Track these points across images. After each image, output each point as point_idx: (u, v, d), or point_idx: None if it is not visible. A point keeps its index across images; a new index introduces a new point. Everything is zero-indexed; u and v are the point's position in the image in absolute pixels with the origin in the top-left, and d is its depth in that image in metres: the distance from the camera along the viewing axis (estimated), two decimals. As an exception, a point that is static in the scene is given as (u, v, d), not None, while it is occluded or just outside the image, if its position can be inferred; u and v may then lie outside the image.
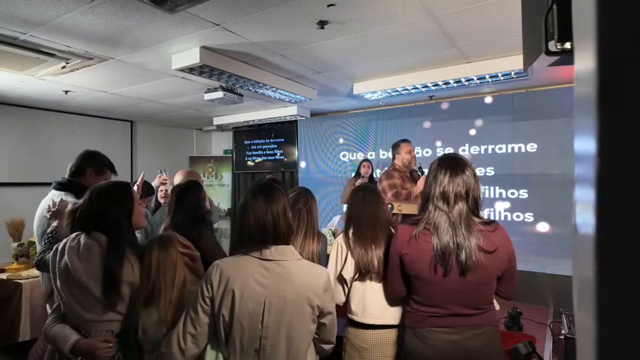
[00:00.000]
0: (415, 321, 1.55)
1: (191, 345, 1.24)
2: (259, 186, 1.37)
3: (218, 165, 6.93)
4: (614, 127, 0.35)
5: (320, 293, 1.32)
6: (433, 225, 1.48)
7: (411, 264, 1.53)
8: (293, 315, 1.26)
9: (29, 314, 3.12)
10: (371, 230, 1.82)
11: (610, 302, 0.35)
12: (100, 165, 2.36)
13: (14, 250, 3.60)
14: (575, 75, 0.47)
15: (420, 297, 1.54)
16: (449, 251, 1.43)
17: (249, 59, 3.19)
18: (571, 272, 0.51)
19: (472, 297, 1.48)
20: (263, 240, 1.29)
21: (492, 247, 1.45)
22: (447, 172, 1.51)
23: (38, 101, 4.58)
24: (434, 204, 1.51)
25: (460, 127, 4.66)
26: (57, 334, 1.47)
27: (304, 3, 2.21)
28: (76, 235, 1.55)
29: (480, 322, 1.49)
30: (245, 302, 1.22)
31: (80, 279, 1.45)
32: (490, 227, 1.49)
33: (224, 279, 1.24)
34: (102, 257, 1.47)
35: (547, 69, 3.29)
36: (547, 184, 4.13)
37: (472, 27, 2.62)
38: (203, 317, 1.25)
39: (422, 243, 1.49)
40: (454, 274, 1.44)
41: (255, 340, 1.24)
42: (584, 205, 0.40)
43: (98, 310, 1.46)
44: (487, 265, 1.44)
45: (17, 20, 2.34)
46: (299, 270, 1.31)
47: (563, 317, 2.24)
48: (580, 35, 0.44)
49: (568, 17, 0.71)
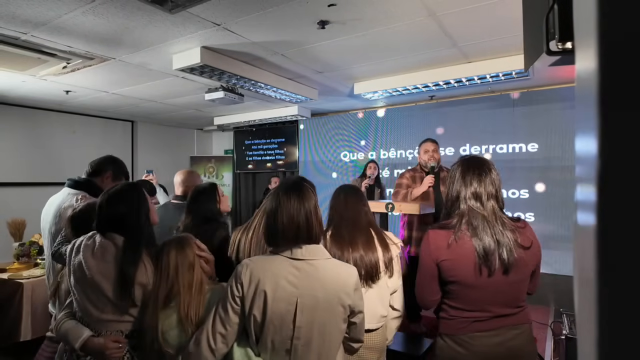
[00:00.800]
0: (456, 328, 1.49)
1: (221, 345, 1.23)
2: (290, 184, 1.34)
3: (219, 165, 6.93)
4: (615, 127, 0.35)
5: (351, 292, 1.30)
6: (471, 227, 1.45)
7: (451, 270, 1.47)
8: (325, 315, 1.25)
9: (30, 313, 3.12)
10: (349, 233, 1.78)
11: (612, 303, 0.35)
12: (119, 171, 2.40)
13: (15, 250, 3.60)
14: (576, 75, 0.47)
15: (461, 303, 1.49)
16: (491, 250, 1.41)
17: (250, 59, 3.19)
18: (572, 272, 0.51)
19: (514, 296, 1.46)
20: (296, 239, 1.27)
21: (528, 243, 1.45)
22: (476, 173, 1.49)
23: (39, 101, 4.58)
24: (466, 205, 1.48)
25: (460, 127, 4.66)
26: (69, 330, 1.48)
27: (305, 3, 2.21)
28: (92, 234, 1.55)
29: (520, 321, 1.48)
30: (277, 302, 1.21)
31: (94, 278, 1.45)
32: (520, 223, 1.50)
33: (255, 279, 1.22)
34: (116, 257, 1.47)
35: (548, 68, 3.29)
36: (548, 184, 4.12)
37: (473, 26, 2.62)
38: (233, 317, 1.23)
39: (462, 247, 1.44)
40: (498, 273, 1.42)
41: (286, 340, 1.22)
42: (585, 205, 0.40)
43: (109, 310, 1.46)
44: (526, 261, 1.44)
45: (19, 20, 2.35)
46: (329, 270, 1.29)
47: (564, 318, 2.24)
48: (582, 35, 0.44)
49: (569, 16, 0.71)
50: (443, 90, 4.07)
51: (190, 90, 4.14)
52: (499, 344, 1.45)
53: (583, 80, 0.42)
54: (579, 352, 0.45)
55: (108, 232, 1.52)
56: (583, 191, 0.41)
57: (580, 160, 0.43)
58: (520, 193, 4.30)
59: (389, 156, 5.22)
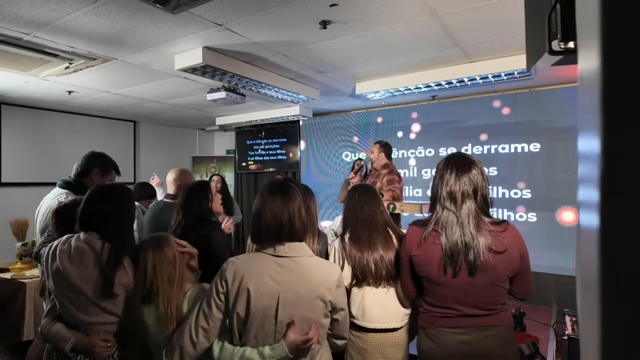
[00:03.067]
0: (427, 322, 1.54)
1: (203, 339, 1.28)
2: (275, 184, 1.38)
3: (220, 165, 6.94)
4: (618, 126, 0.35)
5: (333, 289, 1.34)
6: (441, 226, 1.47)
7: (421, 265, 1.53)
8: (306, 310, 1.29)
9: (33, 313, 3.13)
10: (367, 234, 1.79)
11: (614, 303, 0.35)
12: (106, 166, 2.39)
13: (18, 249, 3.61)
14: (579, 75, 0.47)
15: (432, 298, 1.54)
16: (457, 251, 1.42)
17: (252, 59, 3.19)
18: (575, 273, 0.51)
19: (483, 298, 1.46)
20: (278, 237, 1.31)
21: (502, 248, 1.43)
22: (454, 171, 1.49)
23: (42, 101, 4.60)
24: (441, 204, 1.49)
25: (462, 127, 4.65)
26: (57, 333, 1.49)
27: (307, 3, 2.21)
28: (67, 239, 1.56)
29: (493, 323, 1.47)
30: (260, 298, 1.25)
31: (74, 283, 1.46)
32: (501, 227, 1.47)
33: (239, 275, 1.26)
34: (95, 260, 1.48)
35: (550, 68, 3.27)
36: (550, 184, 4.11)
37: (475, 26, 2.61)
38: (216, 313, 1.28)
39: (431, 244, 1.48)
40: (463, 274, 1.43)
41: (269, 335, 1.27)
42: (588, 205, 0.40)
43: (94, 312, 1.47)
44: (496, 266, 1.43)
45: (21, 20, 2.36)
46: (312, 267, 1.33)
47: (566, 318, 2.23)
48: (584, 35, 0.44)
49: (572, 16, 0.71)
50: (445, 90, 4.06)
51: (192, 90, 4.14)
52: (466, 343, 1.46)
53: (586, 80, 0.42)
54: (582, 352, 0.45)
55: (87, 233, 1.52)
56: (586, 191, 0.41)
57: (583, 160, 0.43)
58: (523, 193, 4.29)
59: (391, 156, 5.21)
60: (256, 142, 6.57)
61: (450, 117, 4.73)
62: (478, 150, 4.54)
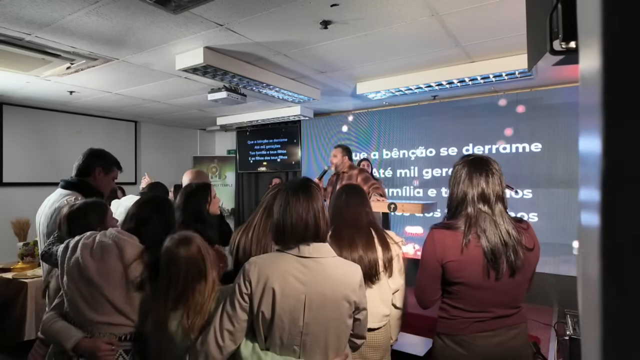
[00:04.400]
0: (457, 329, 1.47)
1: (229, 342, 1.24)
2: (298, 185, 1.37)
3: (221, 165, 6.95)
4: (619, 127, 0.35)
5: (357, 289, 1.33)
6: (480, 229, 1.42)
7: (458, 271, 1.45)
8: (332, 312, 1.28)
9: (35, 313, 3.14)
10: (349, 233, 1.78)
11: (616, 303, 0.35)
12: (108, 163, 2.33)
13: (20, 249, 3.62)
14: (580, 75, 0.47)
15: (463, 303, 1.47)
16: (499, 253, 1.40)
17: (253, 59, 3.19)
18: (576, 273, 0.50)
19: (515, 296, 1.46)
20: (304, 238, 1.29)
21: (532, 244, 1.45)
22: (483, 174, 1.46)
23: (43, 102, 4.61)
24: (474, 207, 1.45)
25: (463, 127, 4.64)
26: (60, 330, 1.46)
27: (308, 3, 2.21)
28: (91, 234, 1.55)
29: (517, 321, 1.48)
30: (285, 299, 1.23)
31: (92, 278, 1.44)
32: (524, 224, 1.48)
33: (263, 276, 1.24)
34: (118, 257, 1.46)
35: (551, 68, 3.27)
36: (551, 184, 4.10)
37: (476, 26, 2.61)
38: (241, 314, 1.24)
39: (471, 249, 1.42)
40: (505, 275, 1.41)
41: (295, 337, 1.24)
42: (589, 205, 0.40)
43: (106, 310, 1.44)
44: (530, 263, 1.44)
45: (23, 21, 2.36)
46: (335, 268, 1.32)
47: (568, 318, 2.23)
48: (586, 35, 0.44)
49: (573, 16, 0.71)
50: (446, 90, 4.06)
51: (193, 90, 4.15)
52: (498, 345, 1.44)
53: (587, 80, 0.42)
54: (583, 353, 0.45)
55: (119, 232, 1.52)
56: (587, 191, 0.41)
57: (584, 160, 0.43)
58: (524, 193, 4.28)
59: (392, 156, 5.22)
60: (257, 142, 6.57)
61: (451, 117, 4.72)
62: (479, 150, 4.54)
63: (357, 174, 3.39)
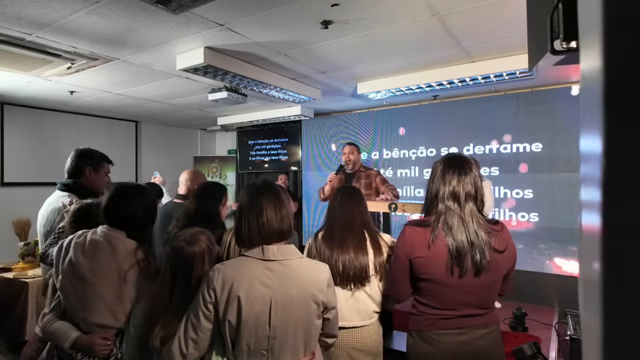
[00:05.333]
0: (423, 324, 1.51)
1: (193, 350, 1.23)
2: (260, 186, 1.36)
3: (222, 165, 6.95)
4: (620, 126, 0.35)
5: (324, 288, 1.33)
6: (446, 226, 1.45)
7: (424, 267, 1.49)
8: (300, 313, 1.27)
9: (35, 312, 3.14)
10: (340, 234, 1.77)
11: (617, 303, 0.35)
12: (96, 161, 2.33)
13: (20, 249, 3.63)
14: (581, 75, 0.47)
15: (431, 300, 1.51)
16: (464, 252, 1.42)
17: (253, 59, 3.19)
18: (577, 273, 0.50)
19: (483, 297, 1.47)
20: (269, 239, 1.28)
21: (503, 246, 1.45)
22: (456, 172, 1.48)
23: (44, 102, 4.61)
24: (444, 204, 1.48)
25: (464, 127, 4.64)
26: (57, 330, 1.49)
27: (308, 3, 2.21)
28: (82, 233, 1.56)
29: (487, 322, 1.48)
30: (251, 304, 1.21)
31: (85, 275, 1.46)
32: (497, 226, 1.49)
33: (228, 283, 1.21)
34: (110, 254, 1.48)
35: (552, 68, 3.27)
36: (552, 184, 4.10)
37: (477, 26, 2.61)
38: (205, 323, 1.23)
39: (437, 245, 1.46)
40: (469, 274, 1.43)
41: (263, 341, 1.23)
42: (590, 205, 0.40)
43: (98, 310, 1.46)
44: (499, 265, 1.44)
45: (24, 21, 2.36)
46: (301, 268, 1.31)
47: (568, 318, 2.23)
48: (586, 34, 0.44)
49: (574, 15, 0.71)
50: (446, 90, 4.05)
51: (194, 90, 4.15)
52: (464, 343, 1.45)
53: (588, 80, 0.42)
54: (584, 353, 0.45)
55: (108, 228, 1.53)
56: (588, 191, 0.41)
57: (585, 160, 0.43)
58: (524, 193, 4.28)
59: (392, 156, 5.22)
60: (258, 142, 6.57)
61: (451, 117, 4.72)
62: (480, 150, 4.54)
63: (376, 175, 3.41)
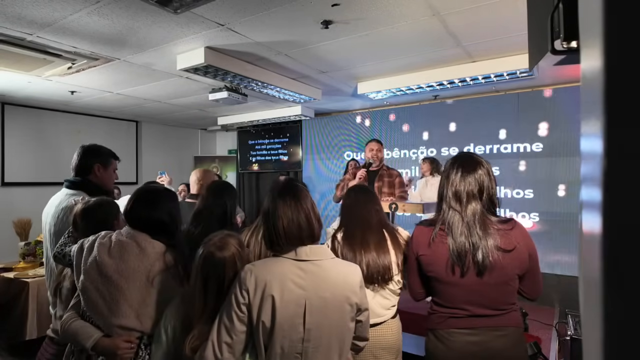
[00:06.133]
0: (435, 323, 1.52)
1: (228, 355, 1.19)
2: (284, 186, 1.33)
3: (222, 165, 6.95)
4: (621, 126, 0.35)
5: (357, 290, 1.30)
6: (447, 226, 1.46)
7: (428, 265, 1.52)
8: (334, 315, 1.24)
9: (36, 312, 3.14)
10: (361, 233, 1.76)
11: (617, 303, 0.35)
12: (105, 157, 2.30)
13: (21, 249, 3.63)
14: (581, 74, 0.47)
15: (440, 299, 1.52)
16: (464, 251, 1.41)
17: (254, 59, 3.19)
18: (577, 273, 0.50)
19: (492, 298, 1.45)
20: (299, 240, 1.26)
21: (510, 246, 1.43)
22: (459, 171, 1.48)
23: (45, 102, 4.62)
24: (447, 204, 1.49)
25: (464, 126, 4.64)
26: (79, 329, 1.44)
27: (309, 3, 2.21)
28: (106, 234, 1.53)
29: (503, 323, 1.46)
30: (285, 305, 1.18)
31: (111, 277, 1.43)
32: (508, 225, 1.47)
33: (260, 283, 1.19)
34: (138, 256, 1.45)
35: (553, 68, 3.26)
36: (553, 184, 4.10)
37: (477, 26, 2.60)
38: (239, 326, 1.19)
39: (439, 244, 1.48)
40: (471, 274, 1.42)
41: (297, 344, 1.20)
42: (590, 205, 0.40)
43: (122, 312, 1.42)
44: (505, 265, 1.42)
45: (24, 21, 2.36)
46: (334, 269, 1.28)
47: (569, 318, 2.22)
48: (587, 34, 0.44)
49: (574, 15, 0.71)
50: (447, 90, 4.05)
51: (194, 90, 4.15)
52: (475, 343, 1.44)
53: (588, 80, 0.42)
54: (584, 353, 0.45)
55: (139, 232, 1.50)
56: (588, 191, 0.41)
57: (586, 160, 0.43)
58: (525, 193, 4.28)
59: (393, 156, 5.21)
60: (258, 142, 6.58)
61: (452, 116, 4.72)
62: (480, 149, 4.54)
63: (398, 176, 3.36)
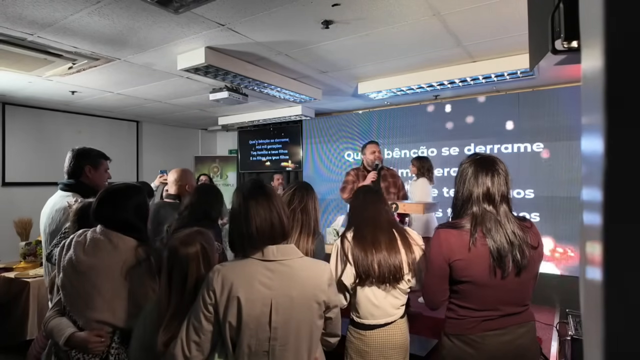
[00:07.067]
0: (465, 328, 1.48)
1: (196, 353, 1.22)
2: (251, 187, 1.34)
3: (223, 165, 6.95)
4: (621, 126, 0.35)
5: (326, 288, 1.32)
6: (485, 228, 1.44)
7: (464, 270, 1.45)
8: (301, 314, 1.26)
9: (37, 312, 3.15)
10: (372, 233, 1.77)
11: (618, 304, 0.35)
12: (94, 159, 2.36)
13: (22, 249, 3.63)
14: (582, 74, 0.47)
15: (472, 303, 1.48)
16: (505, 252, 1.41)
17: (254, 59, 3.19)
18: (578, 273, 0.50)
19: (523, 295, 1.47)
20: (271, 239, 1.27)
21: (536, 242, 1.46)
22: (489, 173, 1.47)
23: (45, 102, 4.62)
24: (479, 206, 1.46)
25: (465, 126, 4.64)
26: (54, 327, 1.50)
27: (309, 3, 2.21)
28: (83, 231, 1.58)
29: (526, 319, 1.49)
30: (251, 305, 1.20)
31: (85, 272, 1.47)
32: (527, 223, 1.50)
33: (227, 284, 1.21)
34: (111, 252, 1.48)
35: (553, 68, 3.26)
36: (553, 184, 4.10)
37: (478, 26, 2.60)
38: (206, 325, 1.22)
39: (477, 247, 1.43)
40: (511, 274, 1.42)
41: (264, 343, 1.22)
42: (591, 205, 0.40)
43: (97, 305, 1.47)
44: (535, 261, 1.46)
45: (25, 21, 2.37)
46: (303, 268, 1.30)
47: (569, 318, 2.22)
48: (588, 34, 0.44)
49: (575, 15, 0.71)
50: (447, 90, 4.05)
51: (195, 90, 4.15)
52: (508, 342, 1.45)
53: (589, 80, 0.42)
54: (585, 353, 0.45)
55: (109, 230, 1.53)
56: (589, 191, 0.41)
57: (587, 160, 0.43)
58: (526, 193, 4.27)
59: (393, 156, 5.21)
60: (259, 142, 6.58)
61: (452, 116, 4.72)
62: (480, 149, 4.53)
63: (399, 178, 3.40)
